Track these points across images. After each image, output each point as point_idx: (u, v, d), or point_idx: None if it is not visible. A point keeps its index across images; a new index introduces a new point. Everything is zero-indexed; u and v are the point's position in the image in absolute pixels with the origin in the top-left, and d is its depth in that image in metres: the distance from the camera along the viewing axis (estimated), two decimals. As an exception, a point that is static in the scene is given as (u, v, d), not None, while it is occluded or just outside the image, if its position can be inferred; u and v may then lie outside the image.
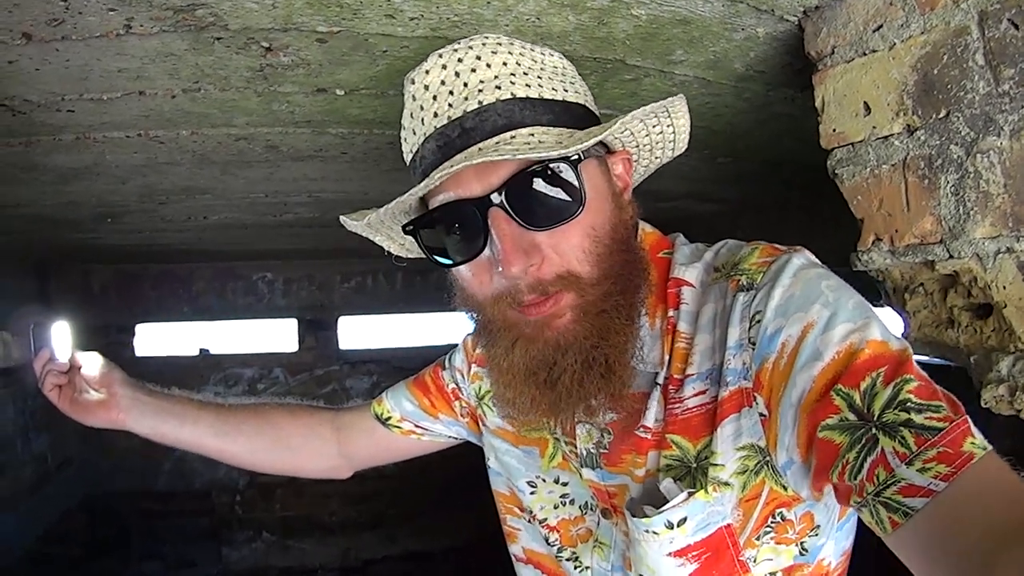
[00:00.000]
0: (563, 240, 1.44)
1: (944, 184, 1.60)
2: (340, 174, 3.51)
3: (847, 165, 1.85)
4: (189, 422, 2.27)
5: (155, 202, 4.14)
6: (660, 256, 1.62)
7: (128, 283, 8.51)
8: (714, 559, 1.43)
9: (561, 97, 1.54)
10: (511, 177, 1.41)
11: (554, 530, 1.76)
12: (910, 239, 1.71)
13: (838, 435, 1.19)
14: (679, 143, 1.72)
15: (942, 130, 1.59)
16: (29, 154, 2.83)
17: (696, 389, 1.45)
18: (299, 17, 1.72)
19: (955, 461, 1.07)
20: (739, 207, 4.97)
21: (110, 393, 2.25)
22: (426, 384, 2.19)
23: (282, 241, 6.56)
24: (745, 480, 1.40)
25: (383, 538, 9.03)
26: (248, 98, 2.29)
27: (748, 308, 1.39)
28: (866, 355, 1.21)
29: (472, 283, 1.54)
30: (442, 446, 2.28)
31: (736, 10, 1.81)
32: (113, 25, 1.73)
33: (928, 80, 1.61)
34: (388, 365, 9.28)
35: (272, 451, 2.35)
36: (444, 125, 1.50)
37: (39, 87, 2.11)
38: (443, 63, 1.54)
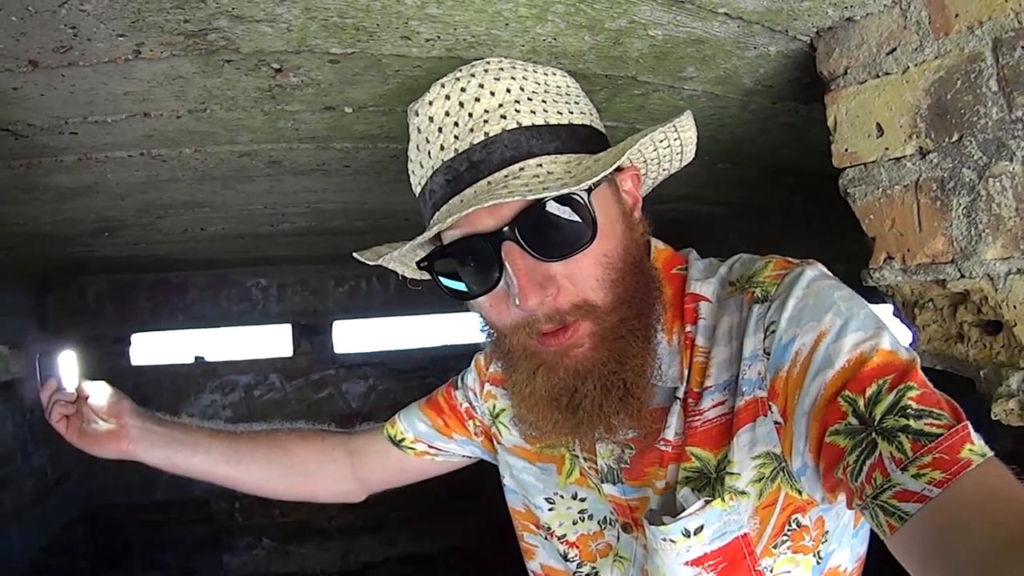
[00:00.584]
0: (577, 270, 1.44)
1: (956, 206, 1.62)
2: (341, 186, 3.50)
3: (859, 185, 1.86)
4: (201, 451, 2.25)
5: (153, 216, 4.14)
6: (674, 272, 1.62)
7: (122, 293, 8.49)
8: (730, 569, 1.43)
9: (567, 120, 1.54)
10: (522, 211, 1.41)
11: (573, 546, 1.76)
12: (922, 258, 1.73)
13: (842, 439, 1.21)
14: (687, 154, 1.73)
15: (955, 153, 1.61)
16: (30, 176, 2.83)
17: (714, 400, 1.47)
18: (313, 40, 1.73)
19: (951, 468, 1.08)
20: (739, 211, 4.98)
21: (120, 423, 2.23)
22: (439, 404, 2.17)
23: (277, 249, 6.56)
24: (762, 488, 1.41)
25: (382, 541, 9.04)
26: (254, 116, 2.29)
27: (763, 319, 1.40)
28: (874, 363, 1.23)
29: (491, 313, 1.54)
30: (456, 466, 2.26)
31: (751, 31, 1.82)
32: (122, 51, 1.73)
33: (942, 104, 1.62)
34: (384, 368, 9.29)
35: (286, 478, 2.33)
36: (451, 159, 1.49)
37: (43, 112, 2.11)
38: (446, 93, 1.53)
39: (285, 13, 1.59)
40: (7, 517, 6.61)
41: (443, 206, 1.49)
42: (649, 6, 1.66)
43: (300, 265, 8.49)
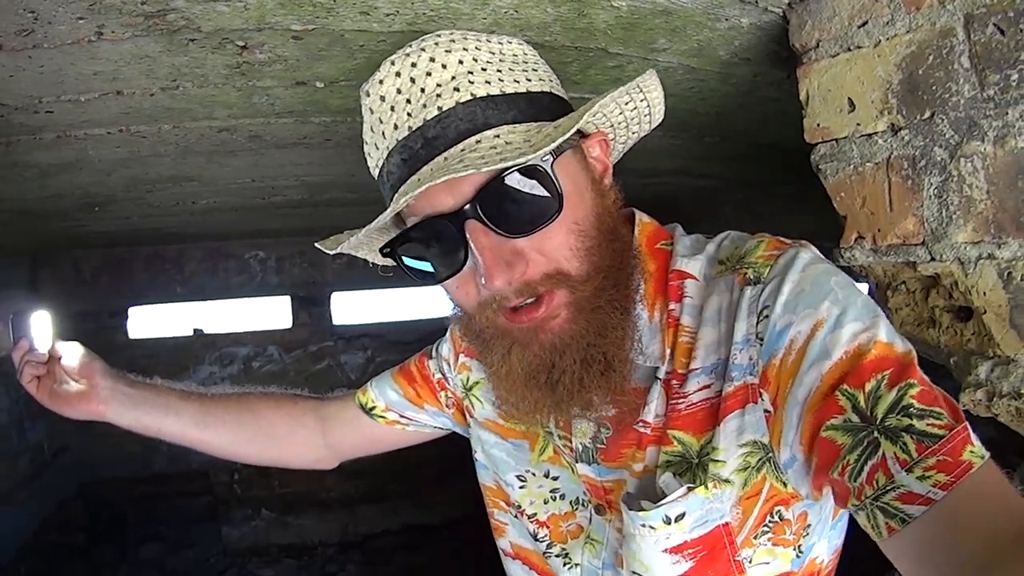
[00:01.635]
0: (547, 241, 1.39)
1: (927, 186, 1.60)
2: (326, 159, 3.50)
3: (830, 161, 1.84)
4: (172, 413, 2.23)
5: (142, 190, 4.13)
6: (659, 247, 1.58)
7: (118, 267, 8.53)
8: (709, 558, 1.41)
9: (525, 89, 1.48)
10: (483, 186, 1.36)
11: (543, 525, 1.73)
12: (892, 239, 1.71)
13: (840, 435, 1.18)
14: (655, 115, 1.66)
15: (926, 131, 1.59)
16: (10, 153, 2.82)
17: (700, 384, 1.43)
18: (272, 17, 1.71)
19: (954, 470, 1.07)
20: (731, 184, 4.97)
21: (90, 384, 2.20)
22: (411, 373, 2.14)
23: (273, 221, 6.57)
24: (746, 477, 1.38)
25: (382, 512, 9.09)
26: (227, 93, 2.27)
27: (756, 302, 1.37)
28: (872, 356, 1.21)
29: (458, 294, 1.51)
30: (427, 437, 2.24)
31: (719, 2, 1.80)
32: (84, 33, 1.71)
33: (913, 80, 1.60)
34: (382, 339, 9.35)
35: (255, 441, 2.31)
36: (405, 137, 1.45)
37: (15, 92, 2.10)
38: (396, 70, 1.48)
39: (240, -8, 1.55)
40: (3, 495, 6.65)
41: (400, 187, 1.43)
42: None
43: (298, 237, 8.49)
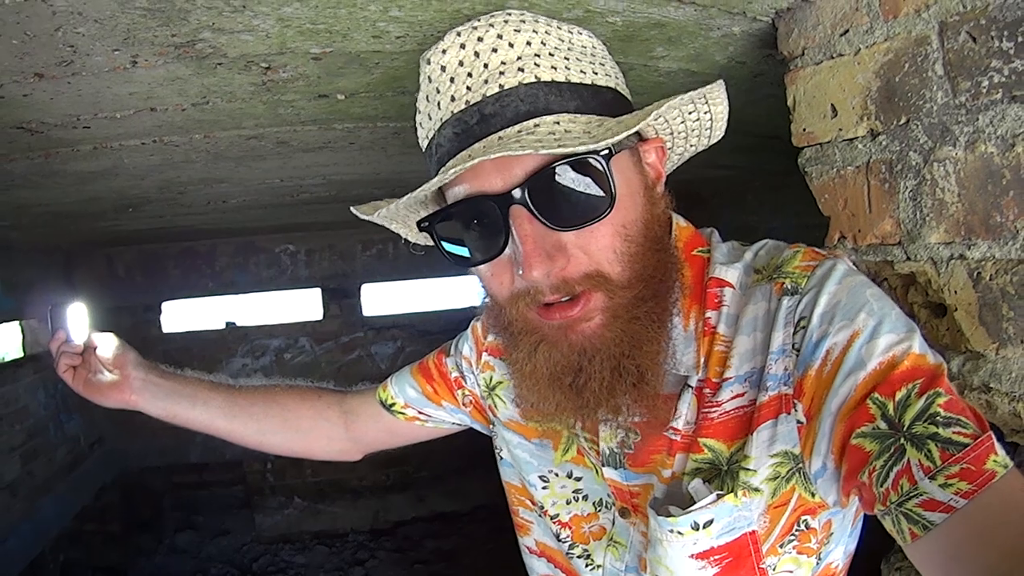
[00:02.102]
0: (592, 240, 1.37)
1: (903, 189, 1.63)
2: (350, 159, 3.55)
3: (816, 164, 1.88)
4: (200, 403, 2.28)
5: (174, 192, 4.22)
6: (695, 254, 1.55)
7: (151, 263, 8.69)
8: (735, 565, 1.40)
9: (590, 80, 1.45)
10: (535, 172, 1.33)
11: (566, 526, 1.72)
12: (871, 239, 1.74)
13: (869, 442, 1.19)
14: (716, 130, 1.66)
15: (902, 137, 1.62)
16: (49, 164, 2.91)
17: (734, 392, 1.41)
18: (292, 43, 1.78)
19: (977, 479, 1.07)
20: (750, 175, 5.02)
21: (123, 374, 2.26)
22: (429, 371, 2.16)
23: (302, 216, 6.62)
24: (776, 487, 1.37)
25: (412, 500, 9.14)
26: (254, 106, 2.35)
27: (793, 313, 1.35)
28: (905, 366, 1.21)
29: (491, 282, 1.48)
30: (447, 432, 2.27)
31: (708, 14, 1.83)
32: (120, 61, 1.80)
33: (890, 87, 1.63)
34: (412, 329, 9.42)
35: (280, 432, 2.35)
36: (462, 110, 1.42)
37: (55, 111, 2.18)
38: (462, 42, 1.45)
39: (261, 24, 1.64)
40: (39, 487, 6.79)
41: (450, 160, 1.41)
42: None
43: (328, 230, 8.57)
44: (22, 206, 4.14)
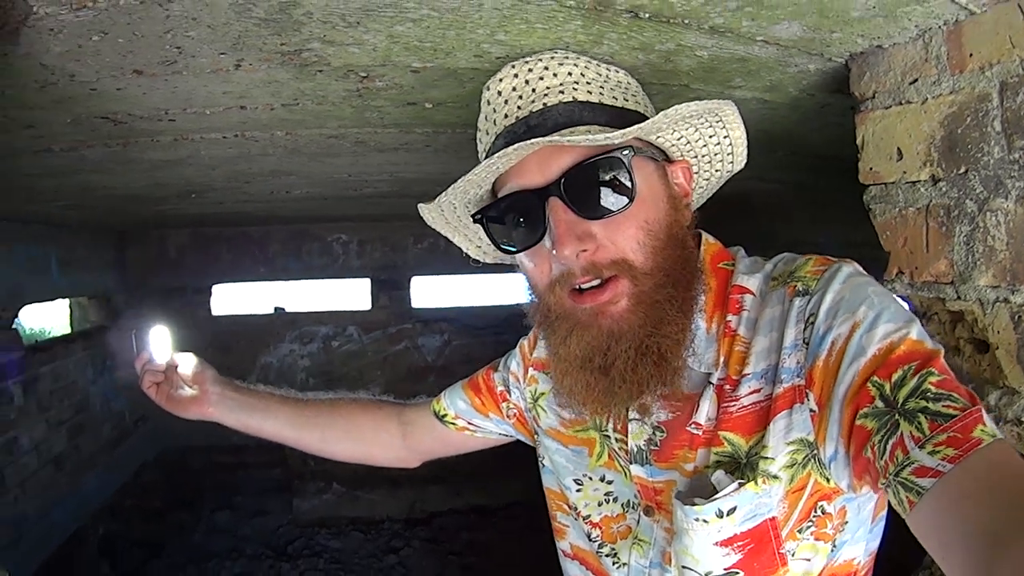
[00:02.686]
0: (618, 231, 1.54)
1: (958, 233, 1.71)
2: (422, 160, 3.63)
3: (879, 202, 1.95)
4: (271, 416, 2.49)
5: (241, 181, 4.32)
6: (721, 267, 1.68)
7: (204, 246, 8.78)
8: (756, 550, 1.47)
9: (621, 105, 1.68)
10: (568, 169, 1.54)
11: (596, 526, 1.82)
12: (927, 276, 1.82)
13: (870, 421, 1.26)
14: (737, 156, 1.81)
15: (960, 185, 1.70)
16: (126, 152, 3.03)
17: (751, 388, 1.51)
18: (396, 57, 1.89)
19: (963, 445, 1.13)
20: (799, 189, 5.05)
21: (202, 390, 2.49)
22: (478, 385, 2.32)
23: (358, 208, 6.70)
24: (793, 473, 1.44)
25: (449, 492, 9.17)
26: (342, 109, 2.45)
27: (803, 311, 1.45)
28: (901, 351, 1.29)
29: (533, 272, 1.66)
30: (496, 442, 2.41)
31: (788, 53, 1.93)
32: (223, 64, 1.91)
33: (952, 137, 1.71)
34: (459, 323, 9.44)
35: (342, 441, 2.54)
36: (512, 124, 1.68)
37: (144, 105, 2.29)
38: (515, 72, 1.73)
39: (371, 39, 1.75)
40: (84, 461, 6.93)
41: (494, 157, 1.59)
42: (694, 34, 1.78)
43: (380, 221, 8.61)
44: (88, 189, 4.22)
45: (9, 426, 5.78)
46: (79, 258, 7.02)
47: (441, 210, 1.84)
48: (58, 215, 5.74)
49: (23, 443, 5.99)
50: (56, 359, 6.72)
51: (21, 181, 3.73)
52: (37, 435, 6.23)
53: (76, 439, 6.93)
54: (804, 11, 1.67)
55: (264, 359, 9.16)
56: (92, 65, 1.87)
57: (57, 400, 6.64)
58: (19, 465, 5.90)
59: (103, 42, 1.71)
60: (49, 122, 2.45)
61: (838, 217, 4.89)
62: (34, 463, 6.14)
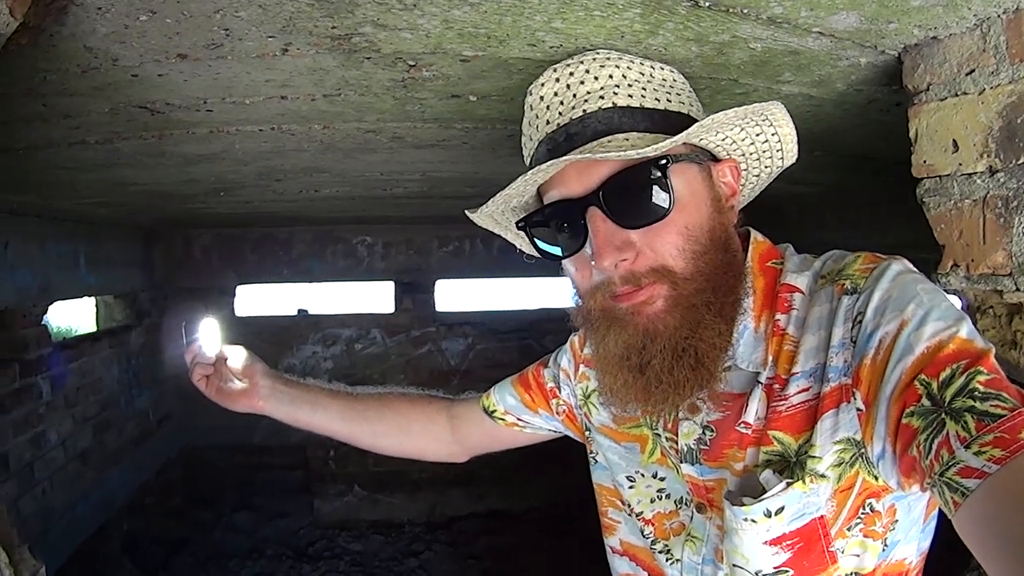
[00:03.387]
0: (657, 238, 1.54)
1: (1017, 224, 1.69)
2: (457, 158, 3.63)
3: (934, 195, 1.93)
4: (320, 409, 2.50)
5: (271, 179, 4.33)
6: (769, 265, 1.67)
7: (229, 246, 8.82)
8: (805, 549, 1.48)
9: (663, 107, 1.67)
10: (607, 179, 1.55)
11: (649, 523, 1.82)
12: (983, 269, 1.80)
13: (916, 420, 1.25)
14: (787, 152, 1.80)
15: (1020, 175, 1.68)
16: (160, 145, 3.03)
17: (800, 387, 1.50)
18: (448, 45, 1.88)
19: (1010, 446, 1.11)
20: (833, 191, 5.04)
21: (252, 383, 2.49)
22: (528, 381, 2.32)
23: (385, 209, 6.69)
24: (840, 472, 1.44)
25: (470, 496, 9.20)
26: (384, 101, 2.44)
27: (851, 310, 1.45)
28: (950, 349, 1.27)
29: (576, 276, 1.68)
30: (544, 438, 2.40)
31: (842, 45, 1.91)
32: (271, 48, 1.89)
33: (1012, 127, 1.68)
34: (483, 327, 9.45)
35: (392, 435, 2.54)
36: (553, 131, 1.67)
37: (184, 94, 2.29)
38: (557, 76, 1.72)
39: (425, 24, 1.74)
40: (109, 457, 6.98)
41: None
42: (750, 24, 1.77)
43: (406, 224, 8.64)
44: (119, 184, 4.23)
45: (38, 420, 5.86)
46: (107, 256, 7.05)
47: (490, 214, 1.85)
48: (88, 212, 5.77)
49: (51, 438, 6.06)
50: (83, 356, 6.77)
51: (55, 175, 3.74)
52: (64, 430, 6.29)
53: (101, 435, 6.98)
54: (864, 0, 1.66)
55: (287, 361, 9.18)
56: (136, 48, 1.86)
57: (83, 396, 6.70)
58: (47, 459, 5.96)
59: (151, 22, 1.70)
60: (87, 111, 2.44)
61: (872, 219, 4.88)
62: (61, 458, 6.20)
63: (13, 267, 5.27)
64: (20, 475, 5.53)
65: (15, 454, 5.49)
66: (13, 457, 5.46)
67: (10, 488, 5.38)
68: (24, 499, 5.56)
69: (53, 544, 5.90)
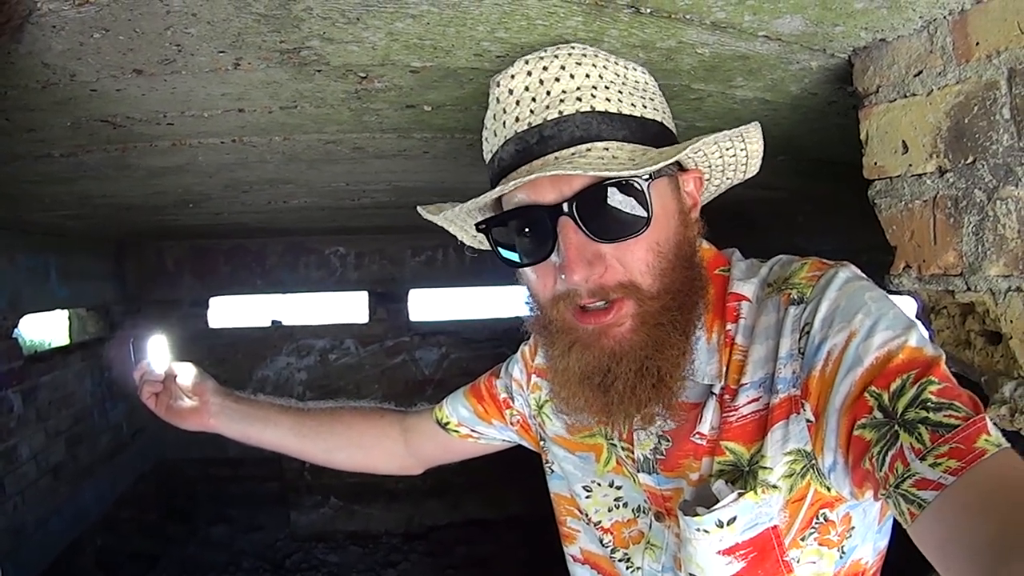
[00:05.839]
0: (628, 253, 1.49)
1: (967, 224, 1.69)
2: (420, 167, 3.61)
3: (885, 197, 1.93)
4: (272, 425, 2.48)
5: (238, 191, 4.32)
6: (717, 273, 1.65)
7: (201, 258, 8.82)
8: (760, 558, 1.48)
9: (640, 113, 1.58)
10: (583, 189, 1.47)
11: (608, 532, 1.82)
12: (935, 269, 1.80)
13: (868, 432, 1.24)
14: (751, 167, 1.79)
15: (968, 175, 1.67)
16: (124, 158, 3.02)
17: (750, 397, 1.50)
18: (396, 56, 1.87)
19: (966, 456, 1.11)
20: (801, 196, 5.05)
21: (202, 401, 2.48)
22: (480, 392, 2.30)
23: (356, 220, 6.68)
24: (792, 483, 1.44)
25: (447, 505, 9.22)
26: (341, 112, 2.43)
27: (798, 320, 1.43)
28: (900, 359, 1.27)
29: (536, 284, 1.61)
30: (499, 448, 2.39)
31: (791, 49, 1.91)
32: (222, 63, 1.89)
33: (959, 127, 1.68)
34: (457, 336, 9.47)
35: (345, 450, 2.52)
36: (524, 131, 1.56)
37: (143, 108, 2.28)
38: (528, 69, 1.59)
39: (370, 36, 1.73)
40: (82, 471, 6.99)
41: (510, 173, 1.56)
42: (695, 30, 1.76)
43: (378, 235, 8.64)
44: (86, 197, 4.22)
45: (9, 434, 5.85)
46: (78, 269, 7.06)
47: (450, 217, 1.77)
48: (58, 225, 5.76)
49: (22, 452, 6.06)
50: (55, 369, 6.78)
51: (22, 188, 3.74)
52: (36, 444, 6.31)
53: (74, 449, 6.99)
54: (806, 4, 1.66)
55: (261, 372, 9.20)
56: (93, 64, 1.86)
57: (56, 410, 6.70)
58: (18, 474, 5.97)
59: (104, 39, 1.70)
60: (50, 125, 2.44)
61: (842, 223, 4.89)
62: (33, 472, 6.21)
63: (-19, 280, 5.27)
64: (-10, 490, 5.53)
65: (-17, 469, 5.49)
66: (-18, 472, 5.46)
67: (-20, 503, 5.39)
68: (-6, 514, 5.56)
69: (25, 560, 5.90)
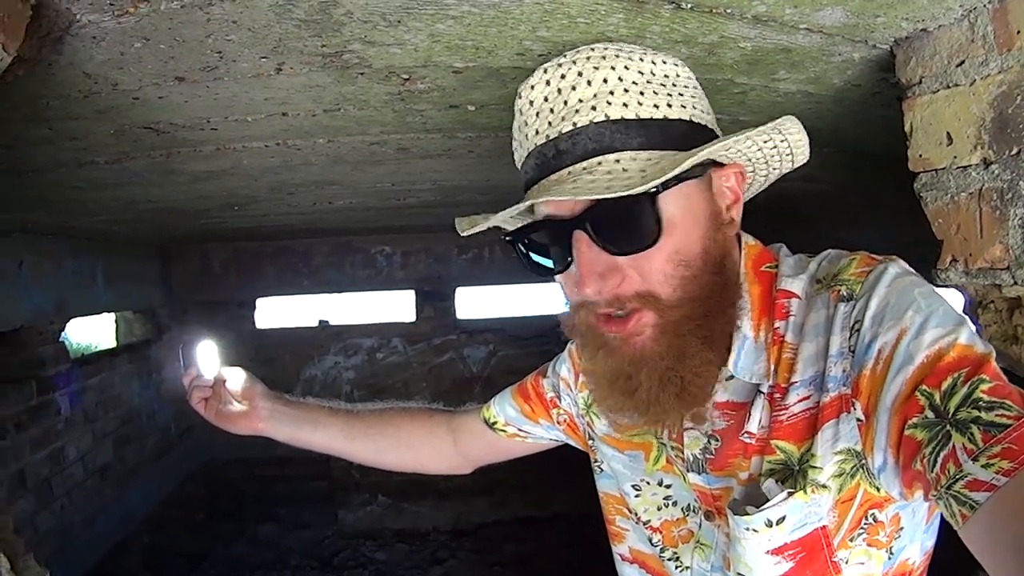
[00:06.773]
0: (645, 263, 1.48)
1: (1013, 217, 1.66)
2: (465, 167, 3.62)
3: (930, 189, 1.91)
4: (321, 428, 2.49)
5: (284, 192, 4.34)
6: (763, 270, 1.63)
7: (247, 260, 8.85)
8: (808, 558, 1.47)
9: (662, 115, 1.54)
10: (594, 204, 1.47)
11: (657, 531, 1.81)
12: (982, 263, 1.77)
13: (920, 432, 1.22)
14: (798, 155, 1.72)
15: (1013, 166, 1.64)
16: (169, 163, 3.04)
17: (800, 395, 1.48)
18: (438, 57, 1.88)
19: (1018, 457, 1.09)
20: (846, 190, 5.01)
21: (252, 405, 2.49)
22: (527, 391, 2.30)
23: (402, 219, 6.69)
24: (841, 483, 1.42)
25: (494, 504, 9.20)
26: (384, 114, 2.44)
27: (848, 318, 1.41)
28: (951, 357, 1.24)
29: (567, 290, 1.64)
30: (547, 447, 2.39)
31: (832, 41, 1.89)
32: (264, 69, 1.91)
33: (1003, 118, 1.65)
34: (504, 334, 9.47)
35: (395, 450, 2.53)
36: (542, 144, 1.57)
37: (186, 114, 2.30)
38: (547, 79, 1.60)
39: (412, 38, 1.74)
40: (129, 472, 7.08)
41: (531, 187, 1.60)
42: (736, 24, 1.75)
43: (424, 233, 8.63)
44: (131, 202, 4.26)
45: (57, 436, 5.94)
46: (124, 273, 7.13)
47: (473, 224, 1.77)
48: (103, 230, 5.81)
49: (70, 453, 6.15)
50: (102, 372, 6.88)
51: (66, 195, 3.77)
52: (83, 446, 6.40)
53: (121, 450, 7.08)
54: (847, -5, 1.64)
55: (308, 372, 9.24)
56: (135, 73, 1.87)
57: (103, 412, 6.80)
58: (65, 475, 6.06)
59: (145, 48, 1.72)
60: (93, 133, 2.46)
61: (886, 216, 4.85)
62: (80, 473, 6.30)
63: (29, 285, 5.34)
64: (38, 491, 5.62)
65: (31, 470, 5.58)
66: (30, 473, 5.55)
67: (27, 504, 5.46)
68: (42, 515, 5.64)
69: (72, 560, 5.98)
